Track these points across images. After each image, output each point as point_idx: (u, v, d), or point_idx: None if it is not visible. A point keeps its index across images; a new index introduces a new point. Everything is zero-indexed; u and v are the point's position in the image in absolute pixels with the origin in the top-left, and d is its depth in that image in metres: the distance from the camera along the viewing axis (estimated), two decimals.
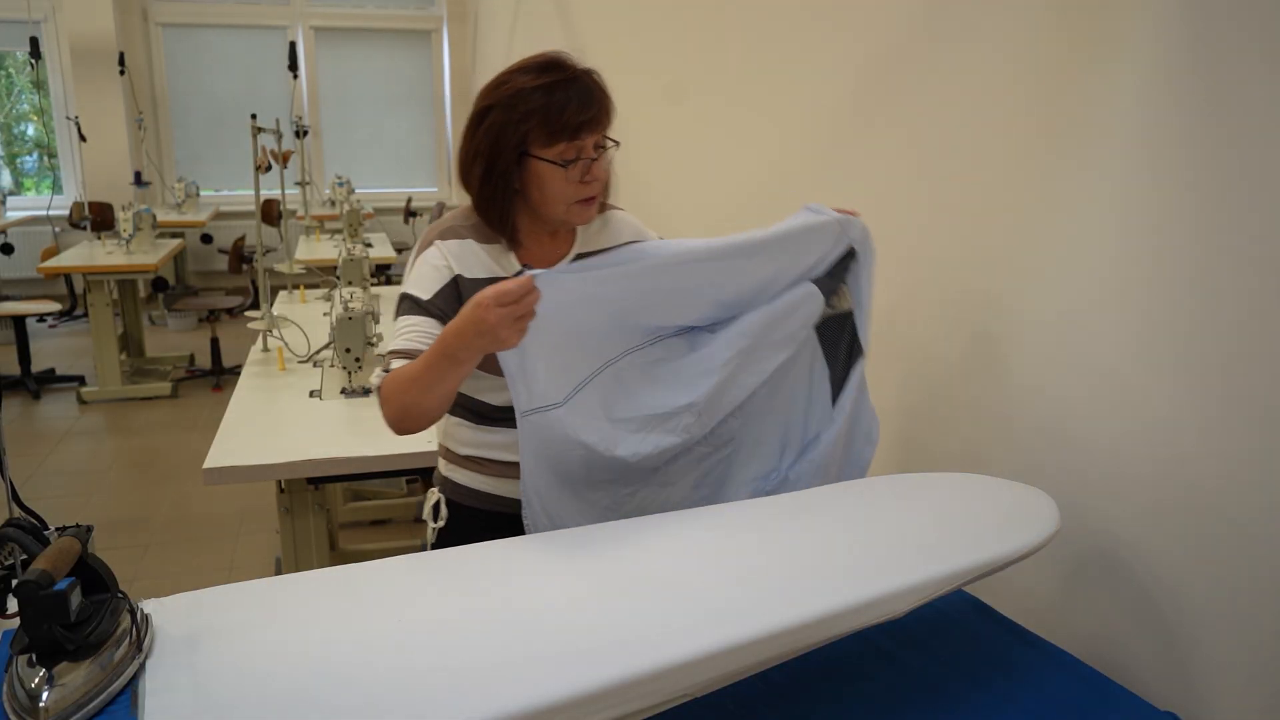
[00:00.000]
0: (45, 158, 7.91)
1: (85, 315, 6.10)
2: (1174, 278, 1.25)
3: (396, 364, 1.39)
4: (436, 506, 1.59)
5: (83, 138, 5.69)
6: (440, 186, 8.73)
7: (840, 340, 1.55)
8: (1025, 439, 1.57)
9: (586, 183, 1.41)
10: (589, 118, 1.37)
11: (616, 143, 1.43)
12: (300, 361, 2.86)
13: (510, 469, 1.53)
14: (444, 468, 1.61)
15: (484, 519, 1.54)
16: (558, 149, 1.38)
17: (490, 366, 1.43)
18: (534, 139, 1.38)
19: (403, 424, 1.37)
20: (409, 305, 1.45)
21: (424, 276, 1.45)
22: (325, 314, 3.45)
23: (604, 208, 1.57)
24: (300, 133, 5.57)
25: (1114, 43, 1.34)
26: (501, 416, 1.50)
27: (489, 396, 1.51)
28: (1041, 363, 1.53)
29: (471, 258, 1.46)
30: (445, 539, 1.56)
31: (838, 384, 1.55)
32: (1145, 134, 1.29)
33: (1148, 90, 1.28)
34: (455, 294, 1.43)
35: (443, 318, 1.39)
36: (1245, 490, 1.18)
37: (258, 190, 3.19)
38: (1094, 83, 1.38)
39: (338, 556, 3.10)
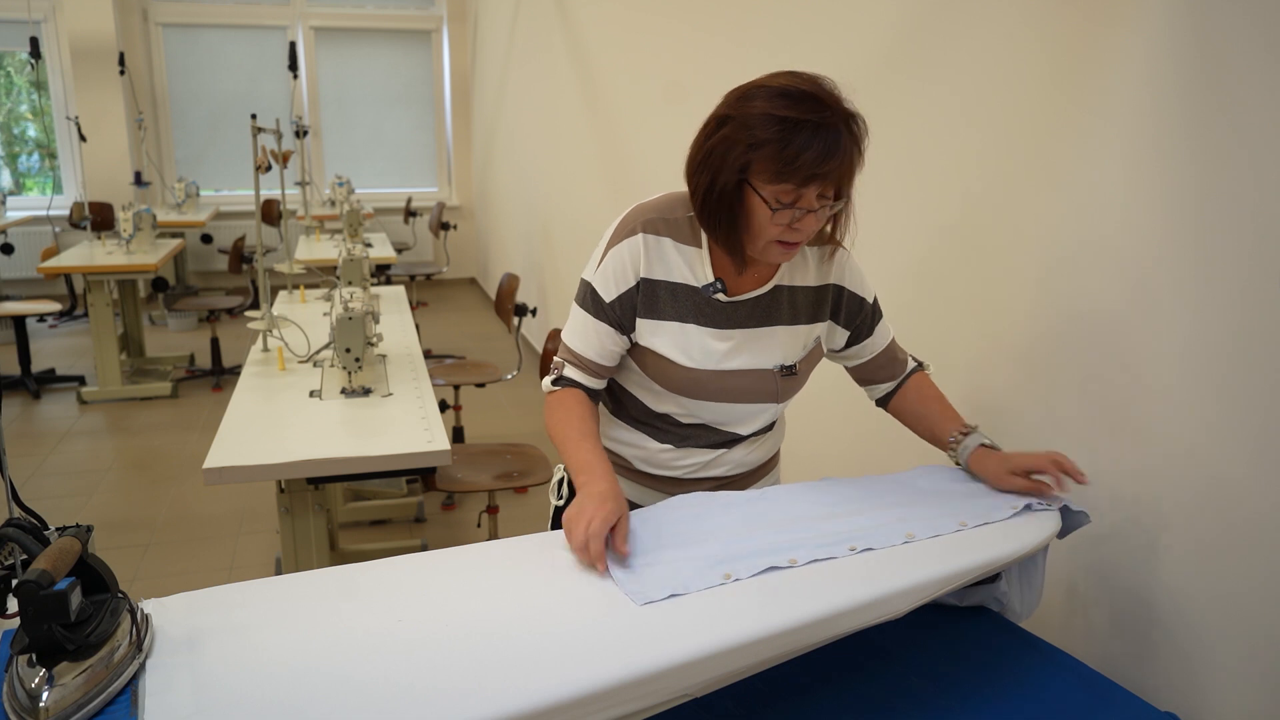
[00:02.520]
0: (45, 158, 7.91)
1: (85, 315, 6.10)
2: (1180, 280, 1.25)
3: (574, 373, 1.44)
4: (560, 484, 1.58)
5: (83, 138, 5.68)
6: (440, 186, 8.73)
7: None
8: (1026, 440, 1.57)
9: (793, 229, 1.29)
10: (823, 172, 1.24)
11: (842, 199, 1.31)
12: (300, 361, 2.85)
13: (632, 474, 1.53)
14: None
15: None
16: (777, 189, 1.26)
17: (658, 375, 1.43)
18: (758, 169, 1.26)
19: None
20: (591, 301, 1.42)
21: (612, 272, 1.41)
22: (325, 314, 3.45)
23: (821, 239, 1.44)
24: (300, 133, 5.57)
25: (1119, 41, 1.34)
26: (642, 419, 1.50)
27: (642, 394, 1.49)
28: (1045, 364, 1.53)
29: (663, 259, 1.40)
30: (560, 517, 1.56)
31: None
32: (1154, 132, 1.29)
33: (1154, 85, 1.28)
34: (634, 300, 1.41)
35: (619, 325, 1.42)
36: (1246, 492, 1.18)
37: (258, 190, 3.18)
38: (1097, 80, 1.38)
39: (338, 556, 3.10)
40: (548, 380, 1.48)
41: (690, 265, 1.41)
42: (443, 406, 2.89)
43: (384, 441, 2.22)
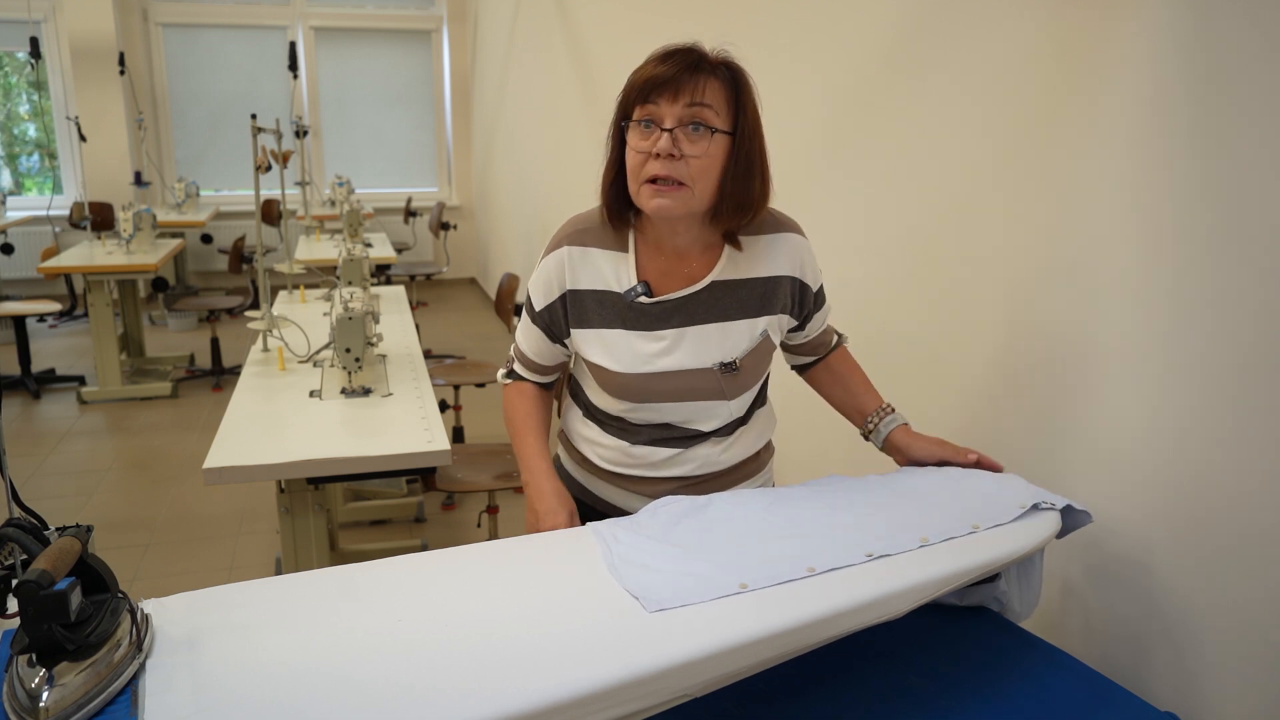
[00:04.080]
0: (45, 158, 7.91)
1: (85, 315, 6.10)
2: (1186, 282, 1.25)
3: (519, 368, 1.57)
4: None
5: (83, 138, 5.68)
6: (440, 186, 8.73)
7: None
8: (1026, 441, 1.57)
9: (656, 156, 1.27)
10: (660, 75, 1.26)
11: (715, 130, 1.28)
12: (300, 361, 2.85)
13: (599, 473, 1.54)
14: (557, 445, 1.64)
15: (579, 504, 1.54)
16: (637, 113, 1.30)
17: (599, 381, 1.46)
18: (629, 108, 1.32)
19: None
20: (528, 303, 1.51)
21: (540, 283, 1.47)
22: (325, 314, 3.45)
23: (776, 226, 1.43)
24: (300, 133, 5.57)
25: (1115, 39, 1.34)
26: (606, 419, 1.51)
27: (595, 396, 1.51)
28: (1045, 365, 1.53)
29: (588, 268, 1.42)
30: None
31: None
32: (1155, 135, 1.29)
33: (1155, 87, 1.28)
34: (562, 310, 1.45)
35: (547, 330, 1.49)
36: (1247, 492, 1.18)
37: (258, 190, 3.18)
38: (1098, 81, 1.38)
39: (338, 556, 3.10)
40: (501, 372, 1.61)
41: (615, 270, 1.41)
42: (443, 406, 2.89)
43: (384, 441, 2.22)
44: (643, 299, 1.40)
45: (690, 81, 1.28)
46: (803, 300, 1.48)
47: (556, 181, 5.36)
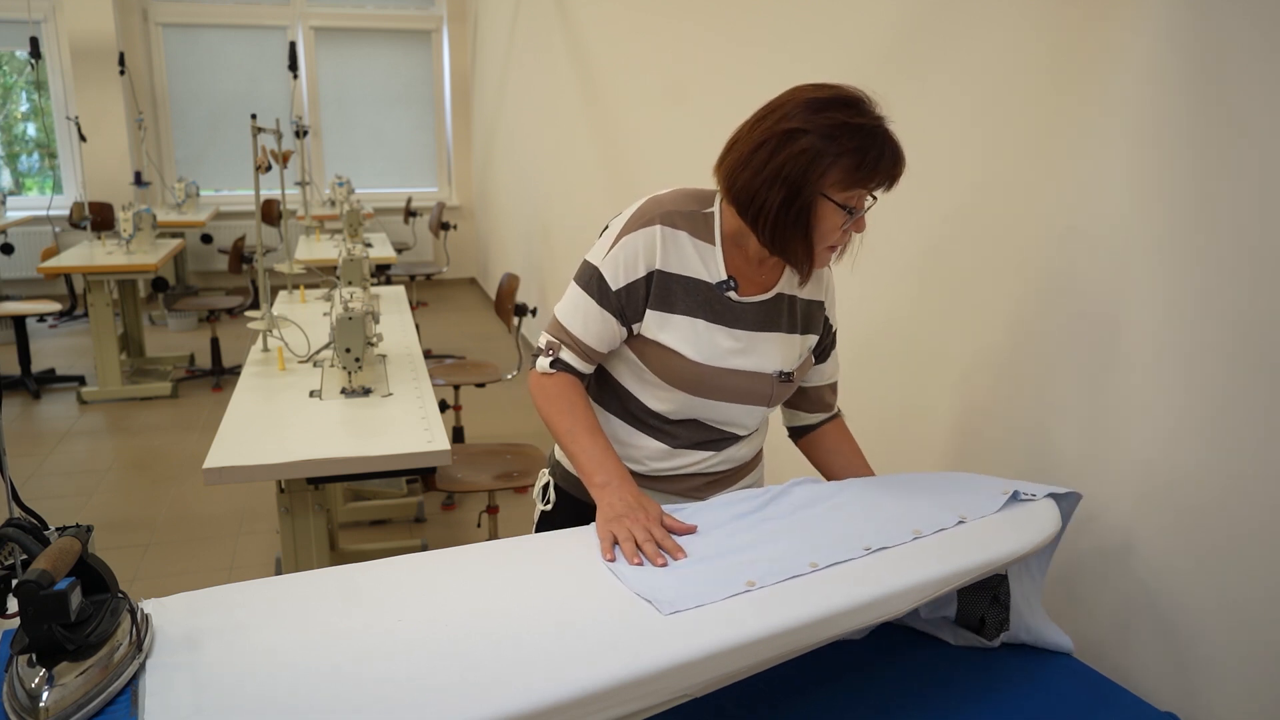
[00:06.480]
0: (45, 158, 7.91)
1: (85, 315, 6.10)
2: (1182, 284, 1.25)
3: (570, 356, 1.43)
4: (546, 489, 1.59)
5: (83, 138, 5.68)
6: (440, 186, 8.73)
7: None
8: (1027, 441, 1.57)
9: (847, 232, 1.34)
10: (895, 175, 1.31)
11: (875, 198, 1.35)
12: (300, 361, 2.85)
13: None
14: (560, 453, 1.58)
15: (588, 511, 1.42)
16: (848, 195, 1.30)
17: (660, 368, 1.42)
18: (835, 177, 1.28)
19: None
20: (597, 286, 1.41)
21: (623, 260, 1.39)
22: (325, 314, 3.45)
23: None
24: (300, 133, 5.57)
25: (1115, 37, 1.34)
26: (639, 416, 1.49)
27: (638, 389, 1.48)
28: (1045, 366, 1.53)
29: (679, 252, 1.40)
30: (547, 523, 1.56)
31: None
32: (1154, 128, 1.29)
33: (1154, 81, 1.28)
34: (644, 291, 1.40)
35: (620, 312, 1.41)
36: (1246, 494, 1.18)
37: (258, 190, 3.19)
38: (1097, 78, 1.39)
39: (338, 556, 3.10)
40: (545, 361, 1.45)
41: (705, 261, 1.41)
42: (443, 406, 2.89)
43: (384, 441, 2.22)
44: (731, 294, 1.42)
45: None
46: (824, 330, 1.53)
47: (556, 181, 5.36)
